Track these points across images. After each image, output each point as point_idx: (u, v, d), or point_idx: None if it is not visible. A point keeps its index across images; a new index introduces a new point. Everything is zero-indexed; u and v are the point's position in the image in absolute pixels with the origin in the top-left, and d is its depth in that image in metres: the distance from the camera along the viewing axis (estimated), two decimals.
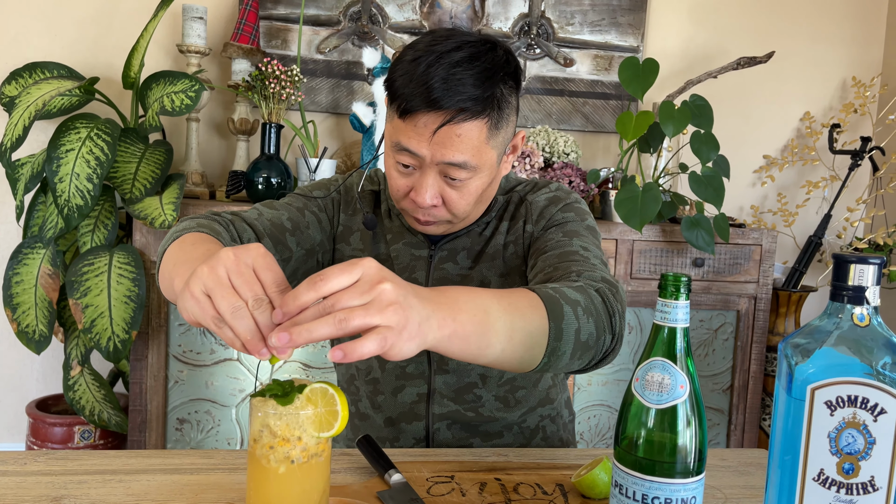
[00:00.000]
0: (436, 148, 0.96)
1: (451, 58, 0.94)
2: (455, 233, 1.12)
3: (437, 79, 0.93)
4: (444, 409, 1.10)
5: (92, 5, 2.33)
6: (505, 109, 1.00)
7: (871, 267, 0.63)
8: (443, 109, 0.94)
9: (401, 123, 0.97)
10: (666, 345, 0.66)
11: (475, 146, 0.97)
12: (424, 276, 1.11)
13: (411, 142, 0.97)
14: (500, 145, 1.02)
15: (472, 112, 0.95)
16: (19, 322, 2.00)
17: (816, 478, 0.63)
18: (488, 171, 1.02)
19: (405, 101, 0.95)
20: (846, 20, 2.75)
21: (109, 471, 0.88)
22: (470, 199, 1.02)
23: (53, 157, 1.85)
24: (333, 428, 0.68)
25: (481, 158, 0.99)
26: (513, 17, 2.54)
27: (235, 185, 2.18)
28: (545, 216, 1.11)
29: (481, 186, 1.02)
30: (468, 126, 0.95)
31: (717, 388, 2.36)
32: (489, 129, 0.98)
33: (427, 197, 0.99)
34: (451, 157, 0.96)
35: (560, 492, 0.87)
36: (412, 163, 0.99)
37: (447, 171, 0.98)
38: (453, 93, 0.93)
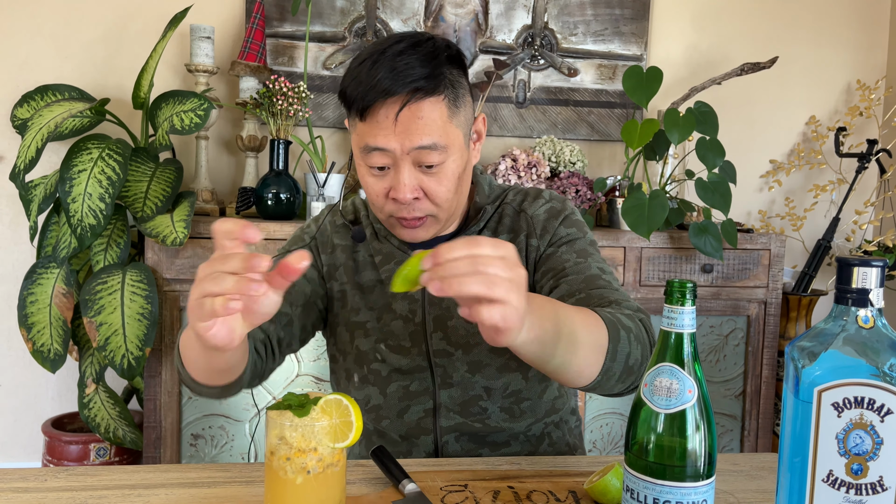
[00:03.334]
0: (403, 136, 0.97)
1: (393, 50, 0.97)
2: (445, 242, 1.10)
3: (385, 70, 0.96)
4: (452, 422, 1.11)
5: (101, 27, 2.37)
6: (458, 89, 1.01)
7: (874, 269, 0.64)
8: (398, 94, 0.96)
9: (363, 126, 0.99)
10: (673, 350, 0.67)
11: (440, 126, 0.98)
12: (420, 291, 1.09)
13: (378, 138, 0.98)
14: (463, 125, 1.03)
15: (425, 90, 0.96)
16: (34, 341, 2.02)
17: (826, 479, 0.64)
18: (459, 153, 1.02)
19: (361, 101, 0.97)
20: (849, 24, 2.76)
21: (128, 486, 0.89)
22: (449, 185, 1.02)
23: (66, 177, 1.88)
24: (348, 438, 0.69)
25: (448, 138, 0.99)
26: (516, 29, 2.56)
27: (245, 202, 2.20)
28: (548, 230, 1.11)
29: (457, 170, 1.02)
30: (427, 106, 0.97)
31: (730, 393, 2.36)
32: (448, 107, 0.99)
33: (407, 191, 0.99)
34: (419, 141, 0.97)
35: (573, 498, 0.88)
36: (384, 162, 1.00)
37: (420, 159, 0.99)
38: (403, 76, 0.95)
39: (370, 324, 1.12)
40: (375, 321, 1.12)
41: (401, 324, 1.11)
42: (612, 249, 2.22)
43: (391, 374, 1.11)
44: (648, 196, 2.13)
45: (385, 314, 1.12)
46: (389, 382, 1.11)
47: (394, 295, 1.11)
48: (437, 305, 1.10)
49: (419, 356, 1.10)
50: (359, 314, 1.13)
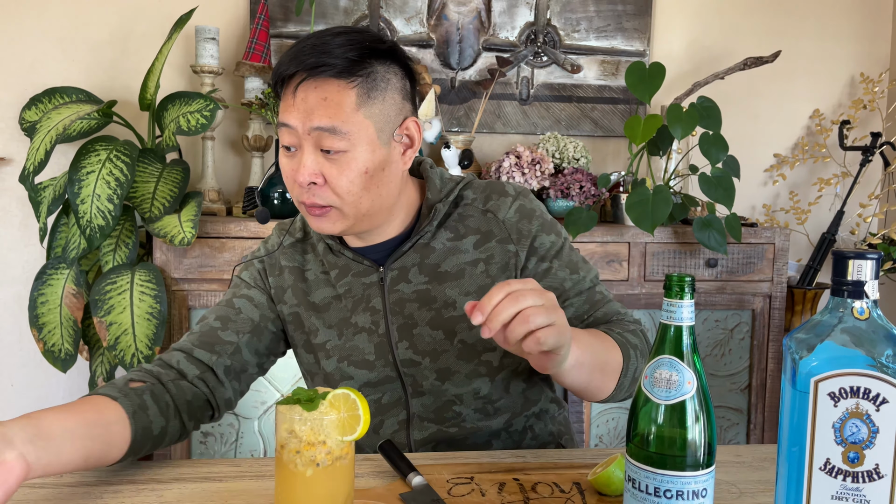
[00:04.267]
0: (305, 115, 0.96)
1: (324, 32, 0.99)
2: (399, 248, 1.08)
3: (307, 45, 0.97)
4: (426, 433, 1.08)
5: (107, 30, 2.39)
6: (379, 82, 0.99)
7: (868, 262, 0.65)
8: (305, 68, 0.96)
9: (281, 103, 1.00)
10: (673, 343, 0.68)
11: (344, 111, 0.96)
12: (381, 302, 1.08)
13: (286, 114, 0.98)
14: (378, 118, 0.99)
15: (335, 70, 0.96)
16: (45, 341, 2.05)
17: (823, 467, 0.66)
18: (368, 146, 0.98)
19: (276, 74, 0.99)
20: (852, 16, 2.76)
21: (142, 480, 0.91)
22: (352, 177, 0.98)
23: (75, 179, 1.90)
24: (356, 431, 0.71)
25: (353, 126, 0.97)
26: (519, 26, 2.57)
27: (251, 201, 2.22)
28: (525, 234, 1.09)
29: (365, 163, 0.98)
30: (333, 88, 0.96)
31: (735, 387, 2.37)
32: (359, 94, 0.97)
33: (305, 173, 0.97)
34: (318, 122, 0.96)
35: (577, 490, 0.90)
36: (291, 141, 0.99)
37: (321, 142, 0.97)
38: (318, 52, 0.96)
39: (330, 343, 1.10)
40: (336, 338, 1.10)
41: (364, 337, 1.09)
42: (616, 245, 2.24)
43: (361, 389, 1.09)
44: (652, 191, 2.14)
45: (345, 329, 1.10)
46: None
47: (353, 308, 1.09)
48: (399, 314, 1.08)
49: (386, 367, 1.08)
50: (317, 335, 1.11)
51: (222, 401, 1.07)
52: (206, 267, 2.06)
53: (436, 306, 1.07)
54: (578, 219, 2.15)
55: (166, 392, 0.99)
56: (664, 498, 0.67)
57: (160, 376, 1.01)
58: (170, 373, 1.03)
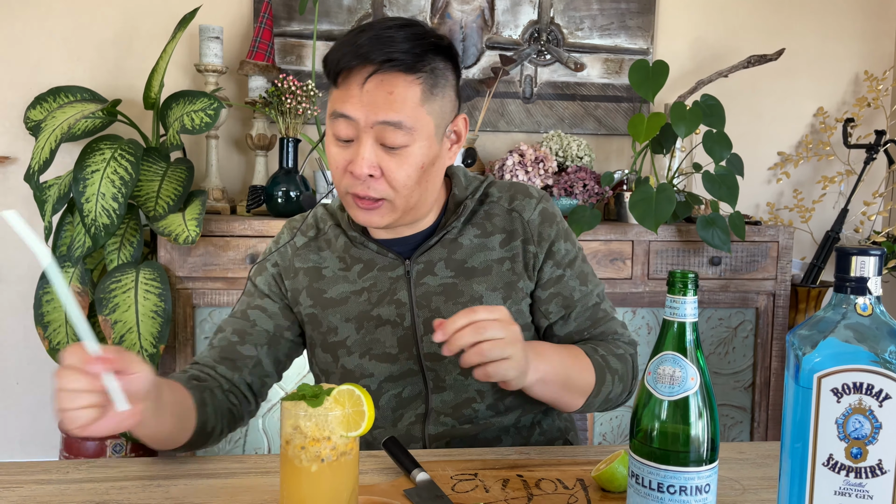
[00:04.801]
0: (369, 107, 0.95)
1: (383, 24, 0.97)
2: (426, 242, 1.09)
3: (367, 38, 0.95)
4: (440, 429, 1.09)
5: (111, 29, 2.40)
6: (440, 78, 1.00)
7: (871, 258, 0.65)
8: (372, 62, 0.95)
9: (336, 92, 0.99)
10: (676, 339, 0.68)
11: (409, 106, 0.96)
12: (407, 295, 1.08)
13: (346, 105, 0.97)
14: (437, 114, 1.00)
15: (401, 64, 0.95)
16: (50, 340, 2.05)
17: (826, 463, 0.66)
18: (427, 142, 0.99)
19: (336, 64, 0.97)
20: (856, 14, 2.75)
21: (148, 476, 0.92)
22: (410, 171, 0.99)
23: (79, 178, 1.91)
24: (361, 427, 0.71)
25: (417, 121, 0.97)
26: (522, 24, 2.57)
27: (255, 200, 2.23)
28: (545, 237, 1.11)
29: (422, 158, 0.99)
30: (400, 82, 0.96)
31: (739, 385, 2.37)
32: (424, 90, 0.97)
33: (364, 165, 0.97)
34: (384, 116, 0.95)
35: (581, 486, 0.90)
36: (348, 133, 0.98)
37: (383, 136, 0.97)
38: (382, 45, 0.95)
39: (350, 339, 1.09)
40: (356, 333, 1.09)
41: (387, 330, 1.08)
42: (619, 243, 2.24)
43: (382, 384, 1.09)
44: (656, 189, 2.14)
45: (365, 323, 1.09)
46: (382, 393, 1.09)
47: (376, 301, 1.09)
48: (426, 308, 1.08)
49: (409, 360, 1.08)
50: (337, 333, 1.10)
51: (248, 414, 1.10)
52: (210, 265, 2.06)
53: (462, 300, 1.08)
54: (582, 217, 2.15)
55: (213, 396, 1.03)
56: (667, 493, 0.67)
57: (206, 381, 1.05)
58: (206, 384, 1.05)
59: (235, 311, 1.14)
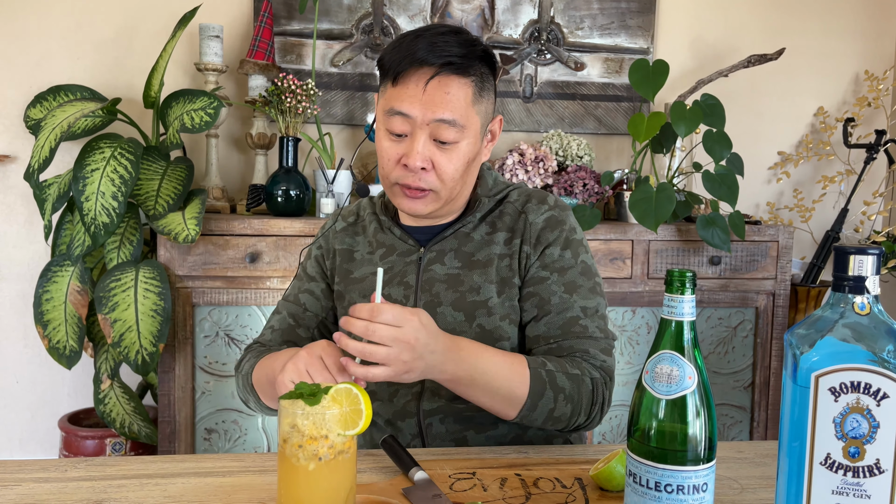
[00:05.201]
0: (427, 106, 1.04)
1: (436, 30, 1.07)
2: (442, 233, 1.16)
3: (424, 43, 1.04)
4: (435, 405, 1.12)
5: (111, 28, 2.39)
6: (486, 82, 1.10)
7: (869, 257, 0.65)
8: (431, 65, 1.04)
9: (393, 90, 1.06)
10: (674, 338, 0.68)
11: (463, 105, 1.05)
12: (414, 278, 1.16)
13: (403, 103, 1.04)
14: (483, 114, 1.10)
15: (458, 67, 1.04)
16: (50, 338, 2.05)
17: (823, 462, 0.66)
18: (474, 138, 1.09)
19: (396, 66, 1.05)
20: (857, 14, 2.75)
21: (146, 475, 0.92)
22: (458, 165, 1.08)
23: (79, 176, 1.91)
24: (358, 426, 0.71)
25: (468, 120, 1.06)
26: (522, 23, 2.57)
27: (255, 199, 2.23)
28: (542, 241, 1.14)
29: (469, 154, 1.08)
30: (456, 83, 1.05)
31: (739, 385, 2.37)
32: (474, 91, 1.07)
33: (419, 159, 1.05)
34: (441, 114, 1.04)
35: (578, 485, 0.90)
36: (403, 129, 1.06)
37: (437, 132, 1.05)
38: (439, 51, 1.04)
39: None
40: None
41: None
42: (619, 243, 2.24)
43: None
44: (656, 189, 2.14)
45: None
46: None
47: (389, 282, 1.17)
48: (427, 292, 1.14)
49: None
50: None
51: None
52: (209, 264, 2.06)
53: (462, 289, 1.13)
54: (582, 216, 2.15)
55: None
56: (665, 492, 0.67)
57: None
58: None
59: (289, 295, 1.25)
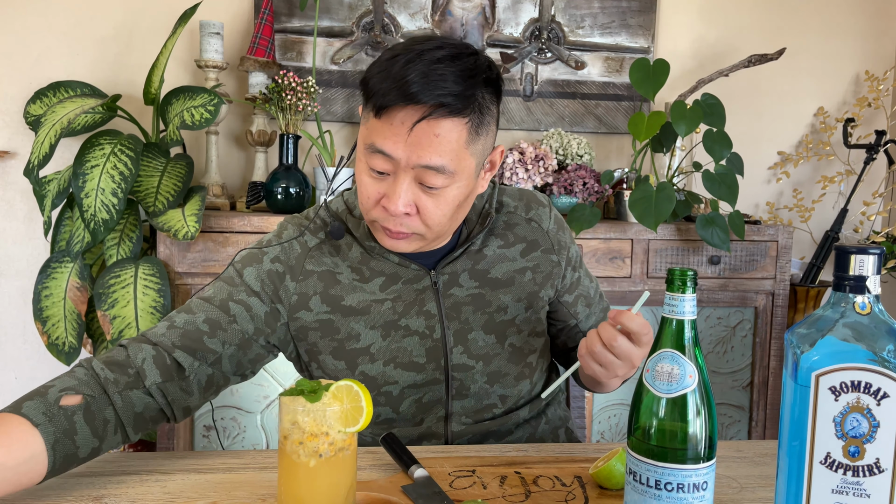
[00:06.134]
0: (412, 149, 0.90)
1: (432, 55, 0.90)
2: (451, 253, 1.08)
3: (416, 73, 0.88)
4: (462, 427, 1.10)
5: (112, 25, 2.39)
6: (486, 115, 0.95)
7: (870, 257, 0.65)
8: (421, 104, 0.88)
9: (376, 123, 0.92)
10: (674, 337, 0.68)
11: (454, 149, 0.91)
12: (436, 306, 1.07)
13: (386, 142, 0.91)
14: (479, 154, 0.97)
15: (452, 109, 0.89)
16: (49, 334, 2.05)
17: (823, 461, 0.66)
18: (466, 181, 0.96)
19: (381, 98, 0.90)
20: (857, 14, 2.75)
21: (146, 471, 0.92)
22: (446, 210, 0.96)
23: (79, 173, 1.91)
24: (359, 423, 0.71)
25: (460, 164, 0.93)
26: (523, 22, 2.57)
27: (255, 196, 2.23)
28: (563, 245, 1.16)
29: (459, 197, 0.96)
30: (448, 125, 0.90)
31: (737, 384, 2.37)
32: (469, 132, 0.93)
33: (400, 204, 0.93)
34: (427, 160, 0.91)
35: (578, 483, 0.90)
36: (386, 168, 0.93)
37: (423, 177, 0.93)
38: (433, 87, 0.88)
39: (375, 346, 1.05)
40: (381, 340, 1.05)
41: (415, 340, 1.06)
42: (619, 242, 2.24)
43: (404, 390, 1.07)
44: (655, 188, 2.14)
45: (392, 332, 1.06)
46: (402, 399, 1.07)
47: (403, 311, 1.06)
48: (455, 320, 1.07)
49: (436, 371, 1.07)
50: (359, 340, 1.05)
51: (180, 409, 0.96)
52: (209, 261, 2.06)
53: (489, 310, 1.09)
54: (582, 216, 2.15)
55: (109, 405, 0.89)
56: (665, 491, 0.67)
57: (106, 385, 0.89)
58: (122, 378, 0.91)
59: (212, 297, 1.02)
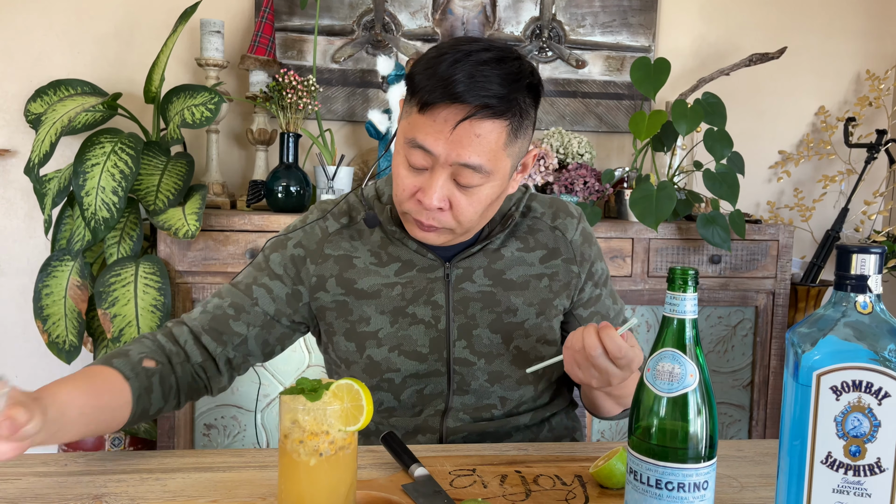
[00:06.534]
0: (452, 146, 0.93)
1: (478, 57, 0.93)
2: (468, 248, 1.10)
3: (462, 74, 0.91)
4: (458, 424, 1.10)
5: (112, 23, 2.39)
6: (525, 119, 0.98)
7: (872, 256, 0.65)
8: (465, 104, 0.91)
9: (419, 118, 0.95)
10: (675, 336, 0.68)
11: (492, 150, 0.94)
12: (444, 298, 1.09)
13: (428, 138, 0.94)
14: (515, 156, 1.00)
15: (494, 111, 0.92)
16: (50, 333, 2.05)
17: (824, 461, 0.66)
18: (500, 182, 0.99)
19: (426, 94, 0.93)
20: (859, 13, 2.75)
21: (146, 470, 0.92)
22: (478, 208, 0.99)
23: (80, 171, 1.90)
24: (359, 422, 0.71)
25: (496, 164, 0.96)
26: (524, 21, 2.57)
27: (255, 195, 2.23)
28: (586, 258, 1.15)
29: (491, 196, 0.99)
30: (489, 126, 0.93)
31: (738, 384, 2.37)
32: (508, 133, 0.95)
33: (435, 199, 0.96)
34: (466, 158, 0.93)
35: (578, 482, 0.90)
36: (424, 163, 0.96)
37: (459, 175, 0.96)
38: (478, 88, 0.91)
39: (383, 331, 1.08)
40: (389, 326, 1.08)
41: (421, 329, 1.08)
42: (620, 241, 2.23)
43: (406, 379, 1.09)
44: (656, 187, 2.14)
45: (400, 318, 1.08)
46: (404, 388, 1.10)
47: (412, 298, 1.08)
48: (462, 314, 1.09)
49: (438, 362, 1.09)
50: (368, 324, 1.09)
51: (217, 388, 1.10)
52: (210, 260, 2.06)
53: (498, 310, 1.10)
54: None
55: (173, 374, 1.03)
56: (665, 490, 0.67)
57: (171, 356, 1.04)
58: (179, 353, 1.05)
59: (239, 282, 1.12)
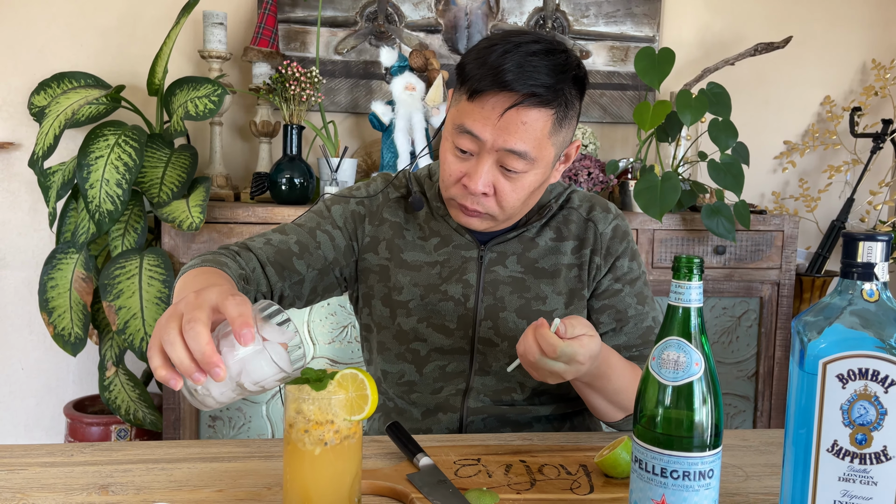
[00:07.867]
0: (499, 133, 0.97)
1: (528, 48, 0.96)
2: (505, 234, 1.12)
3: (512, 63, 0.95)
4: (480, 404, 1.12)
5: (115, 15, 2.39)
6: (570, 110, 1.01)
7: (879, 244, 0.65)
8: (514, 92, 0.95)
9: (468, 105, 0.98)
10: (681, 324, 0.68)
11: (538, 137, 0.98)
12: (475, 277, 1.12)
13: (476, 124, 0.97)
14: (559, 144, 1.02)
15: (542, 99, 0.96)
16: (55, 325, 2.06)
17: (830, 449, 0.66)
18: (543, 170, 1.02)
19: (476, 82, 0.96)
20: (864, 2, 2.73)
21: (151, 460, 0.92)
22: (521, 195, 1.02)
23: (84, 164, 1.91)
24: (364, 411, 0.71)
25: (541, 152, 0.99)
26: (527, 11, 2.56)
27: (259, 187, 2.22)
28: (612, 252, 1.14)
29: (534, 183, 1.02)
30: (535, 114, 0.96)
31: (742, 374, 2.37)
32: (554, 122, 0.99)
33: (480, 183, 0.99)
34: (512, 144, 0.97)
35: (584, 472, 0.90)
36: (471, 148, 1.00)
37: (505, 161, 0.99)
38: (526, 77, 0.95)
39: (413, 302, 1.12)
40: (419, 299, 1.12)
41: (450, 306, 1.11)
42: None
43: (430, 353, 1.12)
44: (661, 178, 2.13)
45: (432, 294, 1.12)
46: (427, 362, 1.12)
47: (446, 277, 1.12)
48: (491, 294, 1.11)
49: (463, 339, 1.11)
50: (401, 293, 1.13)
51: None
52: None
53: (527, 296, 1.11)
54: None
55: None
56: (671, 478, 0.67)
57: (247, 280, 1.03)
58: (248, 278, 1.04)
59: (303, 223, 1.14)
